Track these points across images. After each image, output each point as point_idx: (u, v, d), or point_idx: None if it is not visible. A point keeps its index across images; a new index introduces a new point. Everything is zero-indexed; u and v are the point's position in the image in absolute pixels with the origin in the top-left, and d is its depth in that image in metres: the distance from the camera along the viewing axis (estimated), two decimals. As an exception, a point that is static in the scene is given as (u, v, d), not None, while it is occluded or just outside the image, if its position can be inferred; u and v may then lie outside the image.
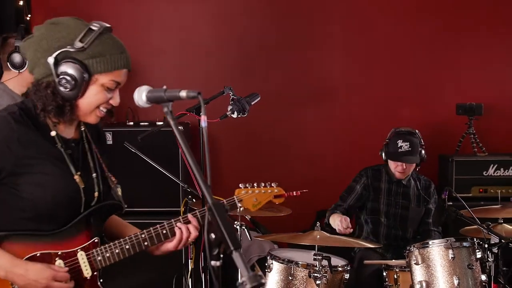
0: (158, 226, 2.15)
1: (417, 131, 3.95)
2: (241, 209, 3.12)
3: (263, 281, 1.48)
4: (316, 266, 3.12)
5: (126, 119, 4.43)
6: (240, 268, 1.49)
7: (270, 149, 4.88)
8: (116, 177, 2.24)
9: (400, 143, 3.85)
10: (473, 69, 4.86)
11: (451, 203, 3.99)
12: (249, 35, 4.85)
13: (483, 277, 3.06)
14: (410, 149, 3.85)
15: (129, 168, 4.15)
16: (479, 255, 3.09)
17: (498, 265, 2.92)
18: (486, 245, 2.83)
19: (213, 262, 1.59)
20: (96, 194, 2.11)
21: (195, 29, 4.85)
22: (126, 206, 2.18)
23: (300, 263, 3.25)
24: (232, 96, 3.13)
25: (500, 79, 4.88)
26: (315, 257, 3.10)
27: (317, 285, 3.10)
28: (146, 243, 2.12)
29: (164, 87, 1.76)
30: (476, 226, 3.02)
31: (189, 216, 2.19)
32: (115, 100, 2.05)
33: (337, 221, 3.77)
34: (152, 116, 4.54)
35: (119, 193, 2.17)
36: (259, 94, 3.28)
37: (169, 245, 2.17)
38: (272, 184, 2.42)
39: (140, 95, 1.78)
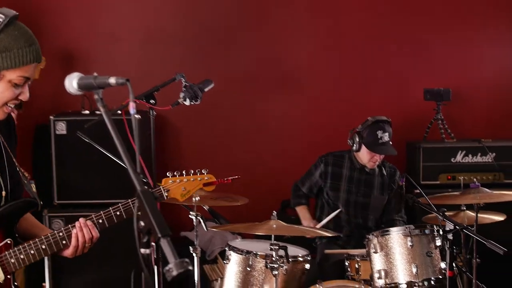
0: (75, 223, 2.16)
1: (390, 119, 4.03)
2: (197, 199, 3.20)
3: (189, 267, 1.55)
4: (272, 256, 3.17)
5: (81, 107, 4.45)
6: (167, 255, 1.56)
7: (233, 138, 4.93)
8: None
9: (380, 134, 3.93)
10: (441, 54, 4.95)
11: (418, 191, 4.13)
12: (209, 18, 4.86)
13: (443, 265, 3.13)
14: (388, 139, 3.94)
15: (84, 159, 4.20)
16: (438, 242, 3.17)
17: (454, 253, 3.01)
18: (441, 232, 2.91)
19: (142, 250, 1.65)
20: (3, 193, 2.08)
21: (151, 14, 4.85)
22: (41, 202, 2.18)
23: (259, 253, 3.31)
24: (184, 83, 3.17)
25: (468, 64, 4.98)
26: (272, 247, 3.16)
27: (274, 275, 3.16)
28: (64, 242, 2.12)
29: (95, 73, 1.81)
30: (433, 214, 3.11)
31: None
32: (25, 96, 2.02)
33: (305, 223, 3.92)
34: (110, 104, 4.55)
35: (34, 189, 2.15)
36: (213, 81, 3.32)
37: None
38: (203, 171, 2.41)
39: (71, 82, 1.83)
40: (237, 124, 4.93)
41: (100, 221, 2.19)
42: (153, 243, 1.65)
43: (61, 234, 2.13)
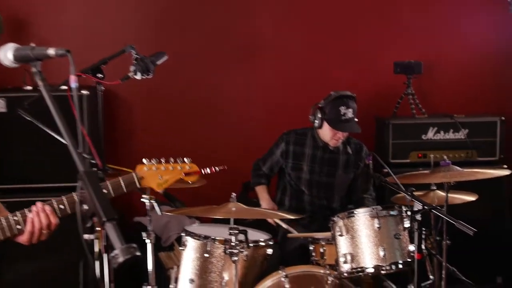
0: (32, 206, 2.14)
1: (354, 94, 4.05)
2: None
3: (137, 253, 1.56)
4: (232, 241, 3.20)
5: (23, 83, 4.37)
6: (113, 240, 1.56)
7: (189, 116, 4.92)
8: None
9: (343, 109, 3.93)
10: (412, 25, 5.02)
11: (387, 170, 4.20)
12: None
13: (411, 247, 3.18)
14: (353, 116, 3.96)
15: (27, 139, 4.13)
16: (407, 224, 3.21)
17: (423, 234, 3.07)
18: (410, 213, 2.97)
19: (85, 236, 1.65)
20: None
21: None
22: None
23: (217, 238, 3.33)
24: (134, 55, 3.15)
25: (440, 35, 5.06)
26: (231, 231, 3.18)
27: (234, 261, 3.18)
28: (19, 227, 2.11)
29: (32, 44, 1.79)
30: (401, 194, 3.16)
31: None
32: None
33: (264, 206, 3.99)
34: (56, 79, 4.50)
35: None
36: (166, 53, 3.31)
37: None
38: (185, 160, 2.35)
39: (5, 54, 1.81)
40: (193, 100, 4.91)
41: (62, 206, 2.14)
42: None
43: (15, 218, 2.10)
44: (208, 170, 2.51)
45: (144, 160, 2.34)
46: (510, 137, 4.87)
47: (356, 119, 4.00)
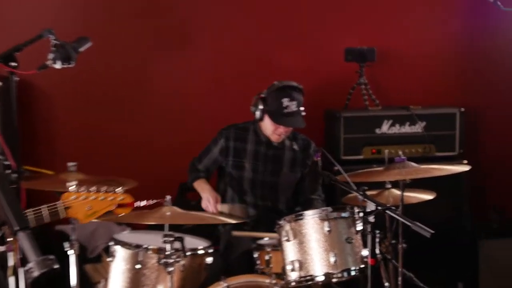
0: None
1: (301, 86, 4.05)
2: (72, 184, 3.15)
3: (55, 266, 1.54)
4: (166, 250, 3.19)
5: None
6: (27, 252, 1.54)
7: (117, 109, 4.87)
8: None
9: (286, 102, 3.92)
10: (364, 9, 5.08)
11: (337, 168, 4.24)
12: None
13: (364, 252, 3.23)
14: (297, 109, 3.95)
15: None
16: (359, 227, 3.25)
17: (376, 237, 3.12)
18: (362, 214, 3.01)
19: (-4, 248, 1.62)
20: None
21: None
22: None
23: (151, 247, 3.31)
24: (53, 41, 3.10)
25: (395, 20, 5.14)
26: (165, 239, 3.17)
27: (169, 272, 3.18)
28: None
29: None
30: (353, 193, 3.21)
31: None
32: None
33: (205, 196, 3.94)
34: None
35: None
36: (90, 39, 3.27)
37: None
38: (117, 190, 2.33)
39: None
40: (121, 92, 4.86)
41: None
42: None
43: None
44: (144, 203, 2.49)
45: (71, 188, 2.33)
46: (470, 129, 5.01)
47: (302, 113, 3.99)
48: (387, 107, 4.89)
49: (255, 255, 3.58)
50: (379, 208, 2.98)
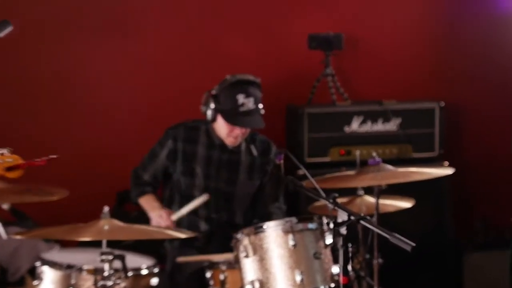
0: None
1: (258, 80, 4.03)
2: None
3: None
4: (104, 270, 3.12)
5: None
6: None
7: (42, 105, 4.83)
8: None
9: (241, 99, 3.90)
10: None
11: (302, 172, 4.21)
12: None
13: (335, 269, 3.18)
14: (254, 107, 3.93)
15: None
16: (329, 240, 3.20)
17: (348, 252, 3.09)
18: (332, 225, 2.98)
19: None
20: None
21: None
22: None
23: (86, 268, 3.25)
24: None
25: (364, 2, 5.16)
26: (103, 257, 3.11)
27: (108, 296, 3.13)
28: None
29: None
30: (321, 201, 3.17)
31: None
32: None
33: (156, 213, 3.90)
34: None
35: None
36: (11, 23, 3.19)
37: None
38: (3, 151, 2.30)
39: None
40: (47, 85, 4.82)
41: None
42: None
43: None
44: (38, 161, 2.41)
45: None
46: (451, 127, 5.05)
47: (261, 111, 3.97)
48: (357, 102, 4.90)
49: (208, 274, 3.55)
50: (352, 218, 2.94)
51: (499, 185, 5.21)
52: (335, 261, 3.19)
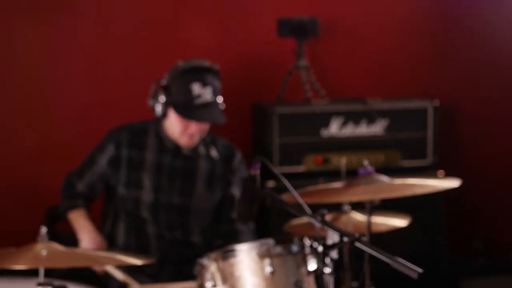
0: None
1: (216, 67, 4.06)
2: None
3: None
4: (43, 304, 3.10)
5: None
6: None
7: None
8: None
9: (197, 88, 3.92)
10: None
11: (273, 184, 4.21)
12: None
13: (319, 301, 3.23)
14: (213, 98, 3.95)
15: None
16: (312, 266, 3.22)
17: (340, 279, 3.10)
18: (321, 247, 2.98)
19: None
20: None
21: None
22: None
23: (16, 301, 3.23)
24: None
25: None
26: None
27: (45, 336, 3.09)
28: None
29: None
30: (306, 218, 3.17)
31: None
32: None
33: (85, 240, 3.92)
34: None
35: None
36: None
37: None
38: None
39: None
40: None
41: None
42: None
43: None
44: None
45: None
46: (447, 130, 5.13)
47: (220, 104, 4.00)
48: (337, 100, 4.94)
49: (164, 308, 3.56)
50: (345, 239, 2.95)
51: (502, 199, 5.31)
52: (320, 291, 3.26)
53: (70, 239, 4.26)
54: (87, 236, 3.96)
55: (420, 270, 2.80)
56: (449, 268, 4.88)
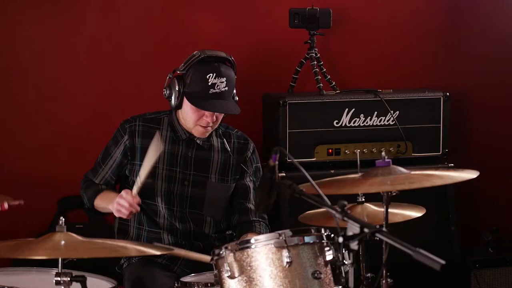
0: None
1: (232, 58, 4.05)
2: None
3: None
4: (61, 294, 3.10)
5: None
6: None
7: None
8: None
9: (212, 78, 3.91)
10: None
11: (283, 174, 4.20)
12: None
13: (337, 291, 3.22)
14: (226, 88, 3.95)
15: None
16: (329, 255, 3.23)
17: (360, 271, 3.10)
18: (341, 239, 2.97)
19: None
20: None
21: None
22: None
23: (34, 292, 3.25)
24: None
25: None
26: (59, 278, 3.06)
27: (63, 327, 3.09)
28: None
29: None
30: (324, 209, 3.16)
31: None
32: None
33: (115, 202, 3.84)
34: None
35: None
36: None
37: None
38: None
39: None
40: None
41: None
42: None
43: None
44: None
45: None
46: (458, 122, 5.13)
47: (235, 95, 4.02)
48: (348, 91, 4.94)
49: (180, 298, 3.56)
50: (366, 230, 2.93)
51: (513, 190, 5.33)
52: (337, 282, 3.23)
53: (80, 230, 4.28)
54: (117, 199, 3.88)
55: (442, 261, 2.77)
56: (459, 260, 4.89)
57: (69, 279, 3.08)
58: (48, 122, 4.87)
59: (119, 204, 3.80)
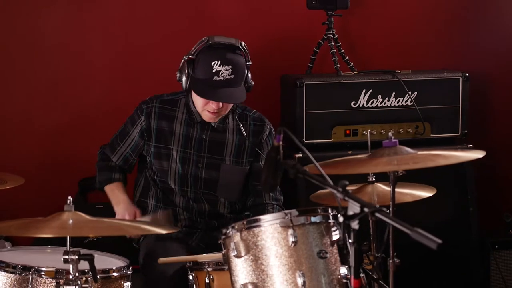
0: None
1: (243, 43, 4.01)
2: None
3: None
4: (69, 273, 3.11)
5: None
6: None
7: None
8: None
9: (216, 66, 3.89)
10: None
11: (300, 155, 4.21)
12: None
13: (343, 271, 3.22)
14: (232, 76, 3.91)
15: None
16: (336, 235, 3.25)
17: (360, 250, 3.10)
18: (341, 218, 2.97)
19: None
20: None
21: None
22: None
23: (45, 269, 3.26)
24: None
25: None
26: (67, 257, 3.09)
27: (72, 305, 3.13)
28: None
29: None
30: (328, 189, 3.17)
31: None
32: None
33: (120, 211, 3.99)
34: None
35: None
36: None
37: None
38: None
39: None
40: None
41: None
42: None
43: None
44: None
45: None
46: (478, 102, 5.09)
47: (241, 82, 3.97)
48: (366, 72, 4.92)
49: (190, 276, 3.55)
50: (366, 210, 2.93)
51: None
52: (342, 261, 3.25)
53: (101, 210, 4.33)
54: (122, 207, 4.02)
55: (439, 241, 2.76)
56: (478, 242, 4.86)
57: (77, 257, 3.10)
58: (69, 104, 4.92)
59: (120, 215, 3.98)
